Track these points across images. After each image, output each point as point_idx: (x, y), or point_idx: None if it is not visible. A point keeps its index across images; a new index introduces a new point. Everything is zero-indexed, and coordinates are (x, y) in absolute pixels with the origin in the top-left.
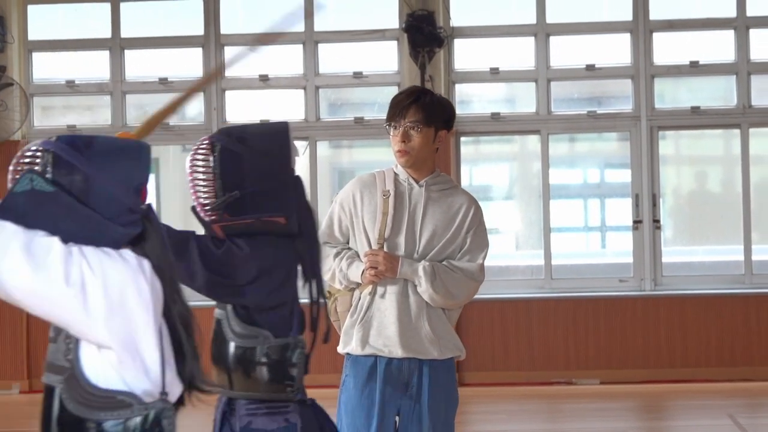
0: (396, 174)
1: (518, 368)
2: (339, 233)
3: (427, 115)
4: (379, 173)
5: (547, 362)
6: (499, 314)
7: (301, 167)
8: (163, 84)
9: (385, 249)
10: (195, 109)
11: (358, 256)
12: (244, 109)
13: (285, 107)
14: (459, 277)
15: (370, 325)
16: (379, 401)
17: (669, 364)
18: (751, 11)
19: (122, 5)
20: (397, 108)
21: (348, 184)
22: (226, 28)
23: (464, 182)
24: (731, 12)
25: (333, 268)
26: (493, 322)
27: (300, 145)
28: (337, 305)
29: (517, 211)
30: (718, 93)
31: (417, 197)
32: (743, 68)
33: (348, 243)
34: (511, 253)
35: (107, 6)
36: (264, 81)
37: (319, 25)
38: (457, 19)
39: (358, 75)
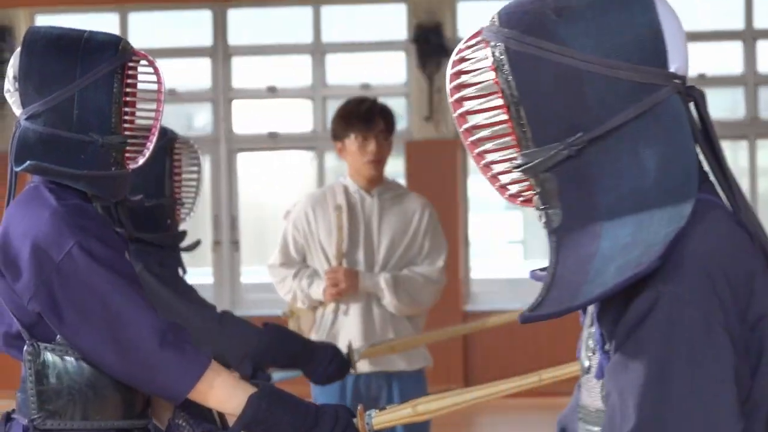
0: (345, 186)
1: None
2: (295, 252)
3: (391, 124)
4: (329, 188)
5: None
6: (507, 325)
7: (308, 178)
8: (171, 95)
9: (344, 264)
10: (202, 120)
11: (317, 273)
12: (251, 119)
13: (292, 118)
14: (421, 283)
15: (336, 341)
16: None
17: None
18: (758, 23)
19: (130, 16)
20: (367, 118)
21: (298, 203)
22: (234, 39)
23: (472, 193)
24: (739, 24)
25: (293, 289)
26: (501, 332)
27: (308, 156)
28: (301, 324)
29: (525, 222)
30: (726, 105)
31: (370, 208)
32: (751, 80)
33: (305, 261)
34: (519, 263)
35: (116, 17)
36: (272, 92)
37: (327, 36)
38: (464, 31)
39: (365, 86)
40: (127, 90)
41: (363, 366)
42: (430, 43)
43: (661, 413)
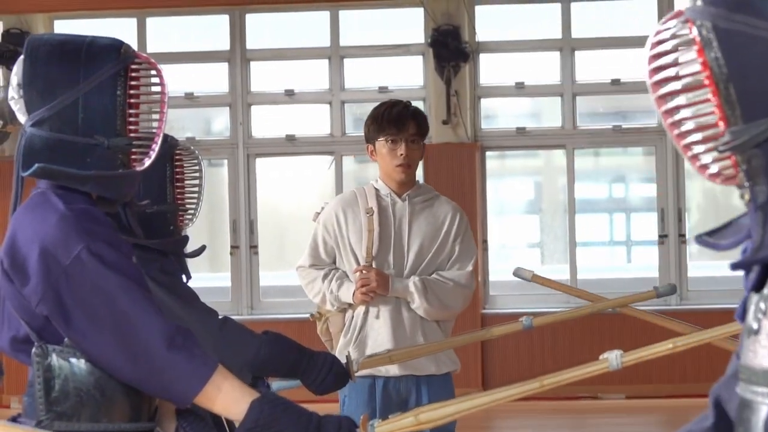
0: (377, 190)
1: None
2: (325, 254)
3: (423, 128)
4: (359, 190)
5: None
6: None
7: (326, 182)
8: (190, 99)
9: (374, 266)
10: (221, 124)
11: (347, 276)
12: (269, 123)
13: (310, 122)
14: (451, 288)
15: (365, 344)
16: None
17: (695, 379)
18: None
19: (148, 20)
20: (399, 121)
21: (329, 205)
22: (252, 43)
23: (489, 196)
24: None
25: (323, 291)
26: (519, 335)
27: (326, 160)
28: (330, 326)
29: (543, 226)
30: None
31: (401, 212)
32: None
33: (334, 263)
34: (536, 267)
35: (133, 21)
36: (290, 96)
37: (345, 40)
38: (482, 34)
39: (383, 90)
40: (131, 92)
41: (393, 369)
42: (448, 47)
43: None
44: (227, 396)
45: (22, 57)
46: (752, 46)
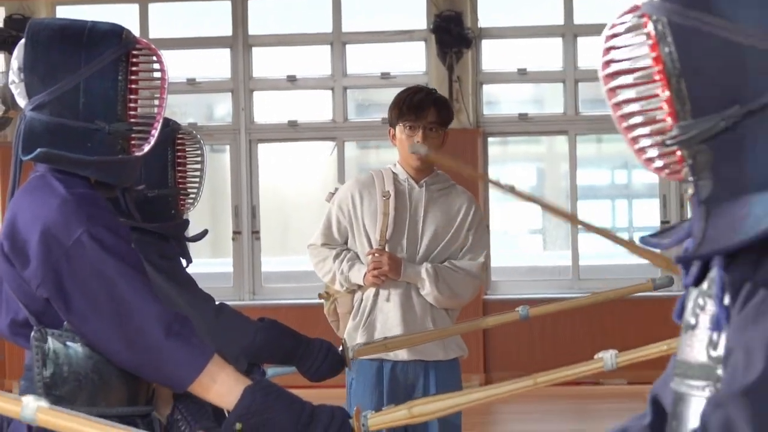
0: (395, 174)
1: (545, 368)
2: (337, 234)
3: (444, 116)
4: (377, 173)
5: (574, 362)
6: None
7: (328, 168)
8: (192, 85)
9: (386, 250)
10: (223, 110)
11: (358, 257)
12: (271, 109)
13: (313, 108)
14: (462, 277)
15: (374, 327)
16: (387, 405)
17: None
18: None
19: (150, 6)
20: (418, 108)
21: (345, 185)
22: (254, 29)
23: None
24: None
25: (333, 270)
26: (521, 322)
27: (328, 146)
28: (338, 306)
29: (545, 212)
30: None
31: (418, 198)
32: None
33: (346, 244)
34: (538, 253)
35: (135, 7)
36: (292, 82)
37: (347, 25)
38: (484, 20)
39: (385, 76)
40: (132, 78)
41: (401, 354)
42: (450, 33)
43: None
44: (222, 385)
45: (23, 41)
46: (705, 42)
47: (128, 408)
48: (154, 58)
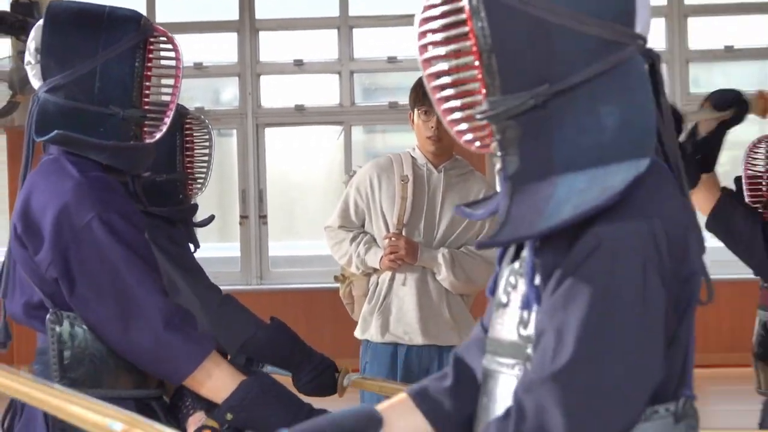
0: (414, 158)
1: None
2: (355, 217)
3: None
4: (395, 156)
5: None
6: None
7: (335, 152)
8: (199, 69)
9: (403, 234)
10: (230, 94)
11: (375, 240)
12: (278, 93)
13: (319, 92)
14: (478, 263)
15: (390, 311)
16: None
17: (703, 349)
18: None
19: None
20: None
21: (363, 168)
22: (261, 13)
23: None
24: None
25: (350, 253)
26: None
27: (335, 130)
28: (353, 289)
29: None
30: (753, 78)
31: (436, 183)
32: None
33: (363, 227)
34: None
35: None
36: (299, 66)
37: (354, 9)
38: None
39: (392, 60)
40: (148, 65)
41: (416, 338)
42: None
43: (597, 348)
44: (216, 382)
45: (40, 22)
46: (518, 19)
47: (141, 391)
48: (170, 46)
